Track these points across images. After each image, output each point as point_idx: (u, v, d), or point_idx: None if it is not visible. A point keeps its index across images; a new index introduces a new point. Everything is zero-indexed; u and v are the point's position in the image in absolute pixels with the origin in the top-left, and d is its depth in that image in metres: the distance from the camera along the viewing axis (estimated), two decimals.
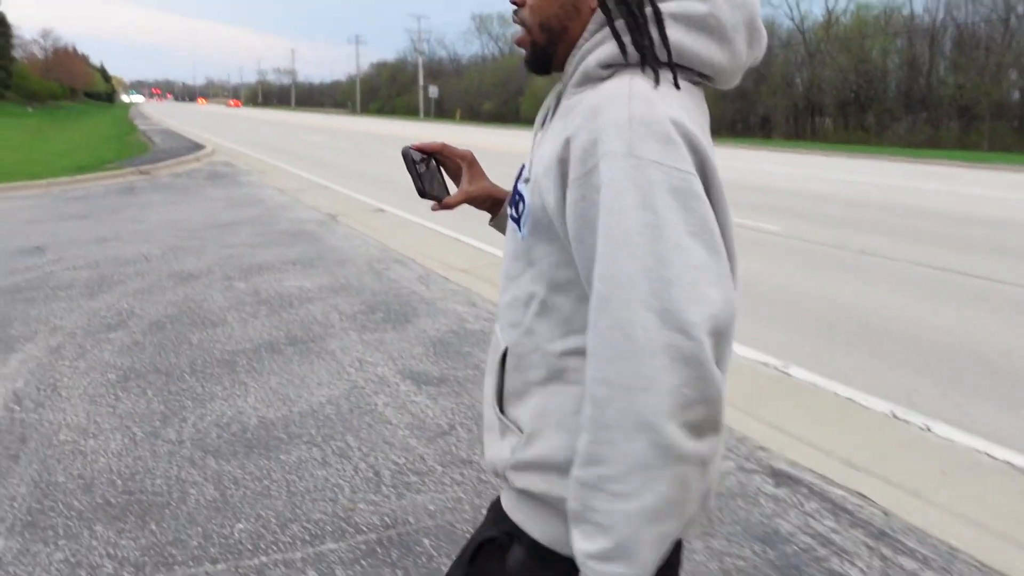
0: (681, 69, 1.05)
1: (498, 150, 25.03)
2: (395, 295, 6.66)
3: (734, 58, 1.08)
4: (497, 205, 1.47)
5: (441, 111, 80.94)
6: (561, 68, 1.14)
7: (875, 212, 12.91)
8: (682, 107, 1.00)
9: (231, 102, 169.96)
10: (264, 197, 13.36)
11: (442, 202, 1.40)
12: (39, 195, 13.66)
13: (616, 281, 0.92)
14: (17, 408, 4.12)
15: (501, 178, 1.65)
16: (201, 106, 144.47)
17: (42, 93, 72.33)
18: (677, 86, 1.03)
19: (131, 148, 24.63)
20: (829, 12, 50.71)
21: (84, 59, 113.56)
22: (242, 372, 4.67)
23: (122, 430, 3.85)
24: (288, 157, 22.57)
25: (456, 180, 1.47)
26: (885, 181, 19.26)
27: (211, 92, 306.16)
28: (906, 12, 48.02)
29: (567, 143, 1.01)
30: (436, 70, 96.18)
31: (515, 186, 1.18)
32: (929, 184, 18.77)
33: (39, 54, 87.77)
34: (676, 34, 1.03)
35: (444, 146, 1.42)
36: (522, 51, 1.18)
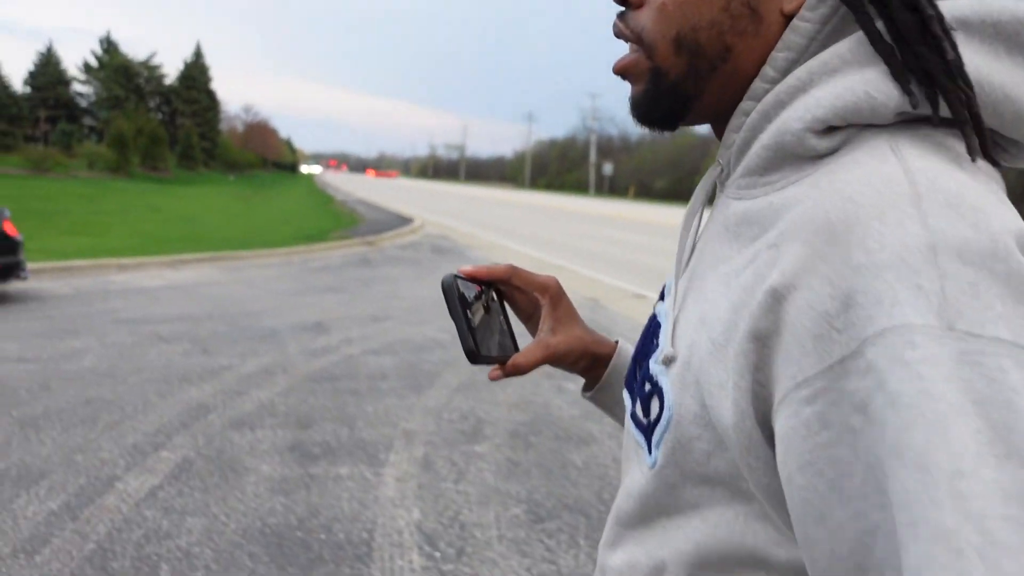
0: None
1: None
2: None
3: None
4: (598, 366, 0.92)
5: (612, 188, 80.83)
6: (709, 121, 0.68)
7: None
8: (1013, 212, 0.52)
9: (391, 173, 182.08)
10: None
11: (507, 364, 0.85)
12: (282, 263, 13.63)
13: None
14: (437, 555, 3.29)
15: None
16: (369, 177, 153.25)
17: (240, 163, 77.57)
18: (994, 163, 0.56)
19: (342, 218, 25.14)
20: None
21: (275, 132, 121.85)
22: None
23: None
24: (496, 231, 22.29)
25: (530, 324, 0.92)
26: None
27: (383, 164, 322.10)
28: None
29: (771, 300, 0.52)
30: (607, 147, 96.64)
31: (641, 358, 0.72)
32: None
33: (239, 127, 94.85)
34: (973, 58, 0.54)
35: (513, 271, 0.89)
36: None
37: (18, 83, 69.39)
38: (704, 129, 0.72)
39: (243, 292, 10.37)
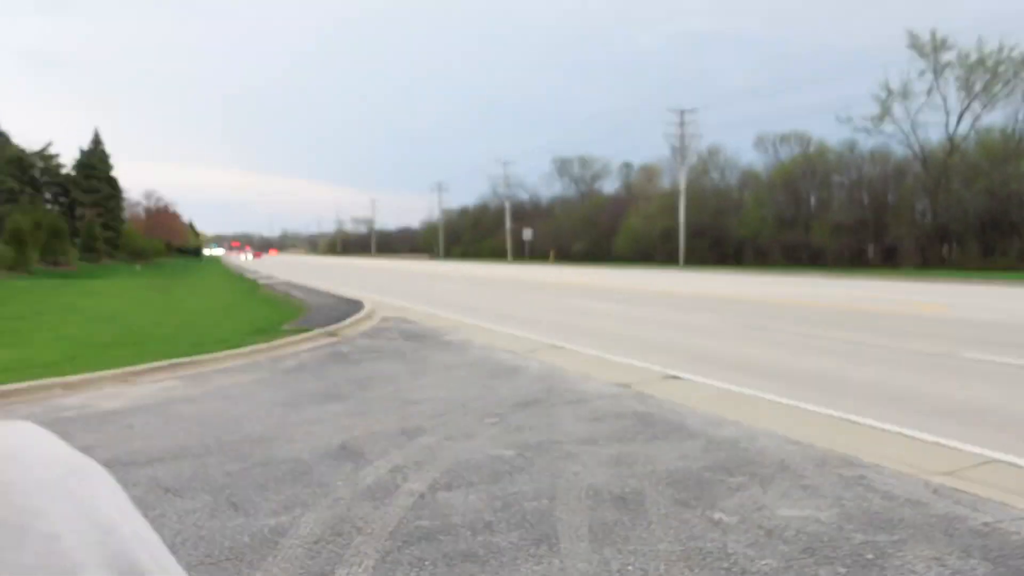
0: None
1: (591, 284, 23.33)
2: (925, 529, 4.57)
3: None
4: None
5: (530, 252, 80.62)
6: None
7: None
8: None
9: (271, 251, 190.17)
10: (506, 362, 11.60)
11: None
12: (247, 365, 12.12)
13: None
14: None
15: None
16: (273, 256, 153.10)
17: (146, 250, 74.28)
18: None
19: (282, 306, 23.51)
20: (951, 139, 49.05)
21: (178, 216, 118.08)
22: None
23: None
24: (453, 308, 21.06)
25: None
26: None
27: (287, 243, 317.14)
28: None
29: None
30: (519, 212, 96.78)
31: None
32: None
33: (141, 213, 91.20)
34: None
35: None
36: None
37: None
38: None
39: (227, 409, 8.89)
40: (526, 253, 78.01)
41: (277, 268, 67.82)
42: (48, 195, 67.35)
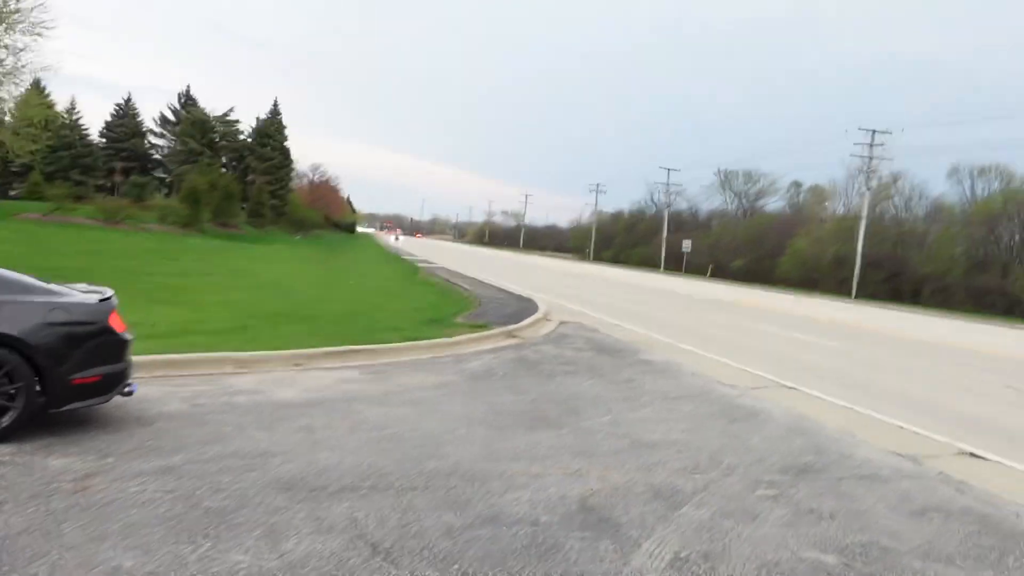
0: None
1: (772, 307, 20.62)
2: None
3: None
4: None
5: (685, 265, 77.47)
6: None
7: None
8: None
9: (417, 234, 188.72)
10: (734, 400, 9.65)
11: None
12: (430, 362, 10.68)
13: None
14: None
15: None
16: (418, 239, 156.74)
17: (307, 221, 75.98)
18: None
19: (448, 295, 22.28)
20: None
21: (338, 192, 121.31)
22: None
23: None
24: (632, 318, 19.14)
25: None
26: None
27: (436, 228, 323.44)
28: None
29: None
30: (675, 222, 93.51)
31: None
32: None
33: (305, 185, 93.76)
34: None
35: None
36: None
37: (94, 135, 69.16)
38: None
39: (419, 420, 7.37)
40: (683, 265, 74.93)
41: (429, 252, 67.86)
42: (224, 159, 69.89)
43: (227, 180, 56.05)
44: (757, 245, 73.54)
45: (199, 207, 48.85)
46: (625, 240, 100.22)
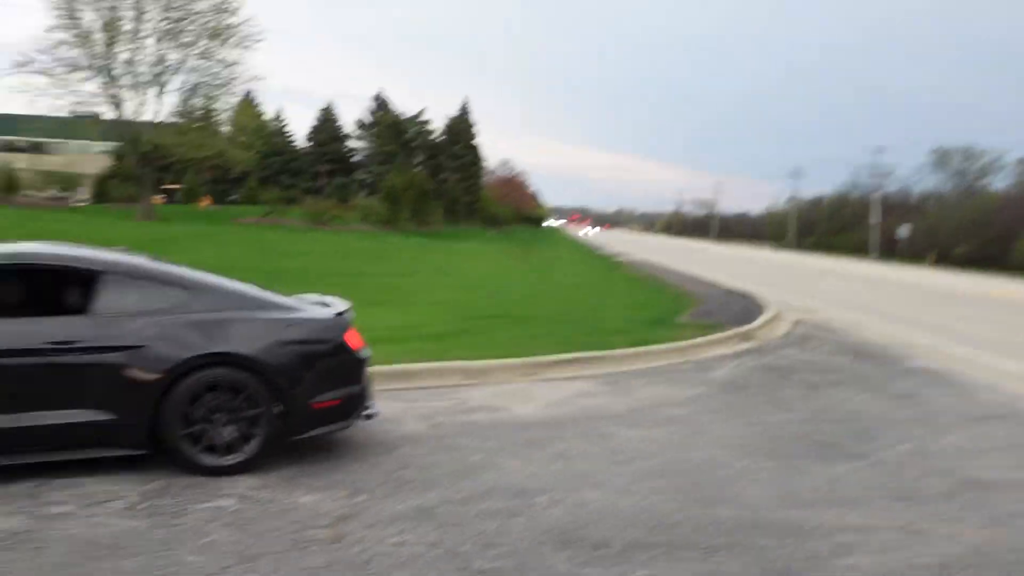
0: None
1: None
2: None
3: None
4: None
5: (906, 252, 71.51)
6: None
7: None
8: None
9: (605, 226, 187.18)
10: None
11: None
12: (669, 370, 9.62)
13: None
14: None
15: None
16: (607, 231, 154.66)
17: (499, 217, 76.91)
18: None
19: (659, 291, 21.06)
20: None
21: (526, 186, 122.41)
22: None
23: None
24: (872, 314, 17.13)
25: None
26: None
27: (622, 219, 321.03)
28: None
29: None
30: (884, 206, 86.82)
31: None
32: None
33: (496, 182, 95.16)
34: None
35: None
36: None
37: (300, 141, 73.21)
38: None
39: (684, 447, 6.34)
40: (896, 252, 69.14)
41: (619, 244, 66.59)
42: (417, 158, 71.93)
43: (422, 179, 57.40)
44: (984, 228, 66.71)
45: (398, 206, 50.26)
46: (828, 227, 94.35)
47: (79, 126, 45.80)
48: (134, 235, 24.65)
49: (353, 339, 5.56)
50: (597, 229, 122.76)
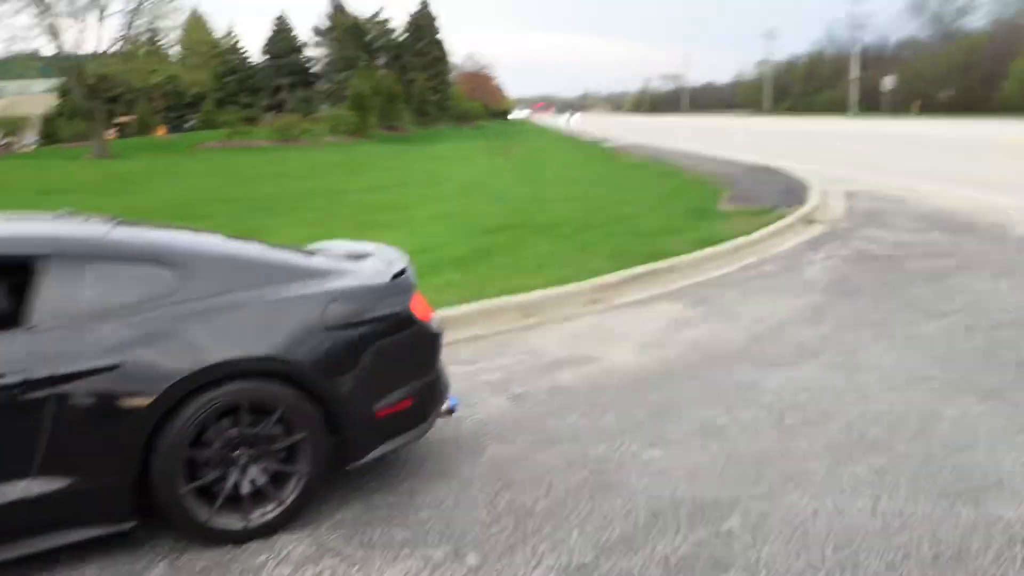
0: None
1: None
2: None
3: None
4: None
5: (875, 105, 69.58)
6: None
7: None
8: None
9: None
10: None
11: None
12: (748, 276, 7.99)
13: None
14: None
15: None
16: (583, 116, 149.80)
17: (469, 113, 73.92)
18: None
19: (672, 176, 19.23)
20: None
21: (492, 79, 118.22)
22: None
23: None
24: (917, 176, 15.47)
25: None
26: None
27: (588, 103, 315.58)
28: None
29: None
30: (861, 60, 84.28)
31: None
32: None
33: (463, 78, 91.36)
34: None
35: None
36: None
37: (255, 57, 69.18)
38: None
39: (844, 386, 4.75)
40: (881, 106, 67.02)
41: (596, 129, 64.05)
42: (381, 61, 68.16)
43: (388, 82, 54.38)
44: (966, 72, 64.81)
45: (366, 113, 47.54)
46: (804, 88, 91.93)
47: (16, 64, 42.22)
48: (88, 176, 22.39)
49: (419, 307, 3.82)
50: (578, 115, 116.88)
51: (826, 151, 25.33)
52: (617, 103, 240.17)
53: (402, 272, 3.85)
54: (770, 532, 3.23)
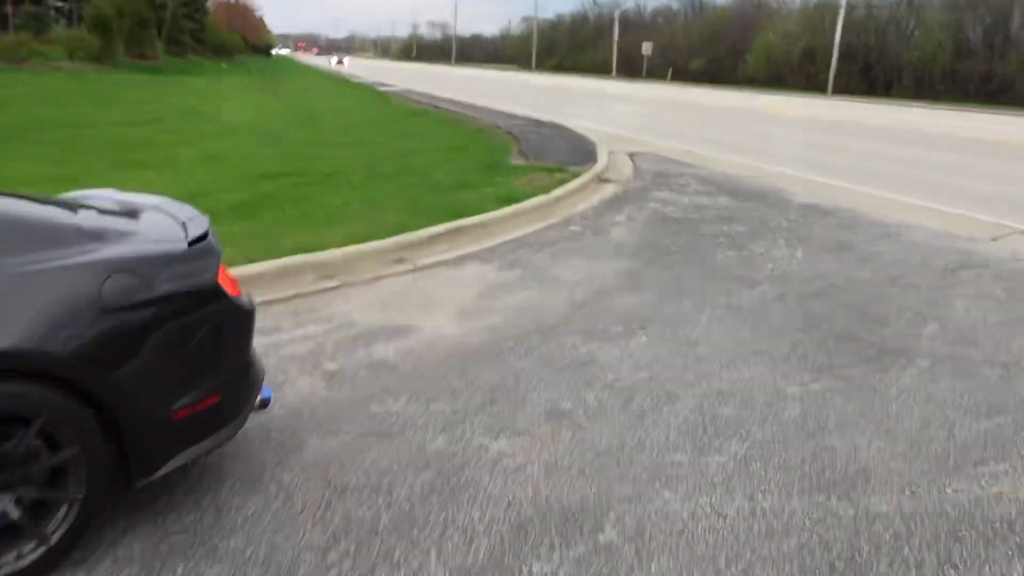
0: None
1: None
2: None
3: None
4: None
5: (633, 68, 73.16)
6: None
7: None
8: None
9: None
10: (965, 254, 7.00)
11: None
12: (552, 237, 7.72)
13: None
14: None
15: None
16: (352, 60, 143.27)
17: (228, 46, 68.93)
18: None
19: (457, 127, 18.77)
20: None
21: (253, 11, 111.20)
22: None
23: None
24: (690, 140, 16.10)
25: None
26: None
27: (355, 47, 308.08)
28: None
29: None
30: (621, 24, 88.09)
31: None
32: None
33: (221, 7, 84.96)
34: None
35: None
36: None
37: None
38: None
39: (683, 364, 4.56)
40: (643, 71, 70.27)
41: (366, 72, 62.14)
42: None
43: (137, 4, 49.15)
44: (714, 44, 69.52)
45: (111, 37, 42.74)
46: (570, 46, 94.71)
47: None
48: None
49: (225, 281, 3.04)
50: (347, 59, 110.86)
51: (595, 110, 25.96)
52: (384, 47, 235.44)
53: (204, 235, 3.04)
54: (653, 543, 2.86)
